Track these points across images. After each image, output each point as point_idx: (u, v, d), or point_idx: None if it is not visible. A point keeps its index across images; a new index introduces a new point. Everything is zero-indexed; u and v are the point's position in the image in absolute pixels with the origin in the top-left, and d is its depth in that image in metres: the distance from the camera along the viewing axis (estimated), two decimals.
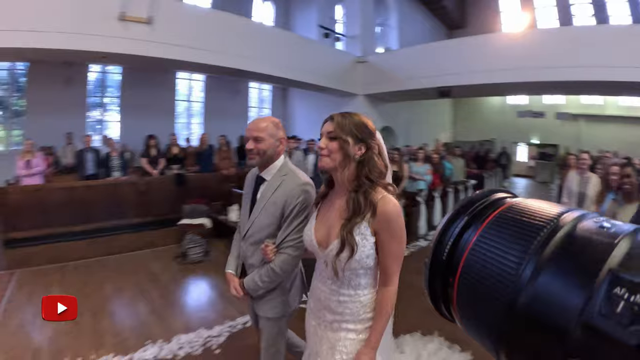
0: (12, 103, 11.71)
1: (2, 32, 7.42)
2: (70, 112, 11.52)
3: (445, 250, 0.41)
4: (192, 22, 9.07)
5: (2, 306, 4.71)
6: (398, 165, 7.49)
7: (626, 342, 0.25)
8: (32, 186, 7.30)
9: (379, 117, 13.52)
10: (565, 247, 0.32)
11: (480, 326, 0.36)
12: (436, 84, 11.40)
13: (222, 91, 14.46)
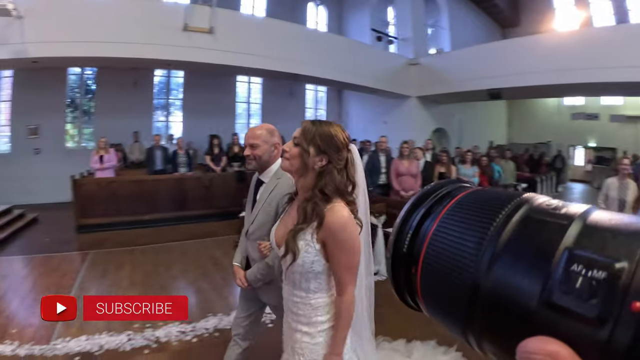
0: (83, 104, 12.96)
1: (78, 43, 8.44)
2: (136, 112, 12.61)
3: (405, 242, 0.42)
4: (250, 31, 9.72)
5: (78, 281, 5.55)
6: (446, 167, 7.64)
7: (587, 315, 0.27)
8: (106, 179, 8.19)
9: (431, 118, 13.61)
10: (521, 230, 0.33)
11: (446, 314, 0.38)
12: (488, 86, 11.35)
13: (279, 93, 14.99)
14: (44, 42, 8.38)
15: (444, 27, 15.54)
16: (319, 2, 15.95)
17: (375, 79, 11.97)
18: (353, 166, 1.73)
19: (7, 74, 12.21)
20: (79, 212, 8.13)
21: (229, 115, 14.18)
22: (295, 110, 15.59)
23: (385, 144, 7.77)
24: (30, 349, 3.86)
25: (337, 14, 16.32)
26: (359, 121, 15.77)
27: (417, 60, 13.11)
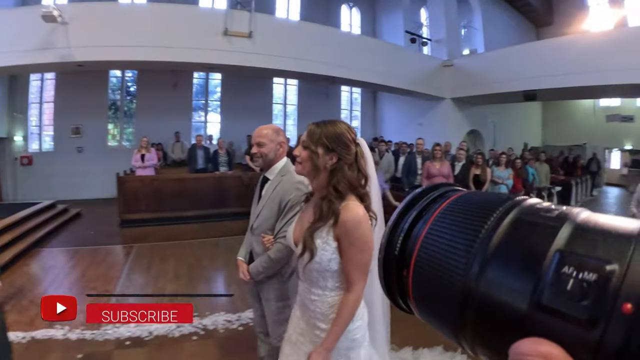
0: (124, 105, 13.46)
1: (123, 48, 8.84)
2: (175, 113, 13.10)
3: (397, 245, 0.42)
4: (286, 34, 9.99)
5: (124, 272, 5.90)
6: (481, 168, 7.68)
7: (578, 316, 0.27)
8: (149, 176, 8.55)
9: (465, 120, 13.54)
10: (512, 233, 0.33)
11: (438, 317, 0.38)
12: (523, 88, 11.22)
13: (314, 94, 15.22)
14: (87, 47, 8.79)
15: (477, 28, 15.37)
16: (352, 4, 16.06)
17: (409, 81, 12.00)
18: (363, 159, 1.77)
19: (49, 76, 12.80)
20: (122, 207, 8.53)
21: (265, 116, 14.35)
22: (331, 111, 15.72)
23: (422, 146, 7.86)
24: (82, 333, 4.05)
25: (370, 16, 16.40)
26: (393, 123, 15.83)
27: (451, 62, 13.03)
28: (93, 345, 3.86)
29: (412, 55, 13.05)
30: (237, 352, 3.68)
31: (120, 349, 3.77)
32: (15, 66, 9.31)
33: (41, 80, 13.02)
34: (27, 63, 9.01)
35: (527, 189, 8.63)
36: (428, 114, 13.57)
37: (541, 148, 15.16)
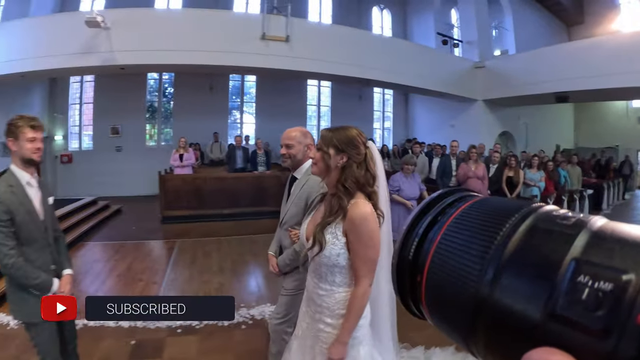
0: (161, 106, 13.91)
1: (162, 52, 9.20)
2: (212, 114, 13.51)
3: (411, 250, 0.42)
4: (321, 38, 10.24)
5: (170, 266, 6.18)
6: (514, 171, 7.74)
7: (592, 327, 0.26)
8: (191, 175, 8.93)
9: (497, 122, 13.49)
10: (527, 240, 0.33)
11: (450, 324, 0.37)
12: (554, 89, 11.15)
13: (347, 96, 15.37)
14: (128, 51, 9.20)
15: (508, 28, 15.30)
16: (383, 6, 16.15)
17: (441, 83, 12.03)
18: (372, 160, 1.88)
19: (88, 78, 13.33)
20: (164, 204, 8.87)
21: (300, 118, 14.64)
22: (364, 113, 15.95)
23: (456, 148, 7.93)
24: (133, 321, 4.16)
25: (401, 17, 16.46)
26: (425, 124, 15.86)
27: (483, 63, 13.00)
28: (145, 333, 4.03)
29: (444, 57, 13.07)
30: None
31: (172, 336, 3.96)
32: (60, 69, 9.81)
33: (81, 83, 13.57)
34: (71, 66, 9.51)
35: (559, 191, 8.63)
36: (460, 115, 13.55)
37: (573, 150, 15.01)
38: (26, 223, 2.36)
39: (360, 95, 15.77)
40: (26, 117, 2.40)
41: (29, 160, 2.40)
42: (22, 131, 2.35)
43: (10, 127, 2.37)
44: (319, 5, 15.00)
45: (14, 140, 2.37)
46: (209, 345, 3.82)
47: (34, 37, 9.32)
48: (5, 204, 2.27)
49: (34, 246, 2.41)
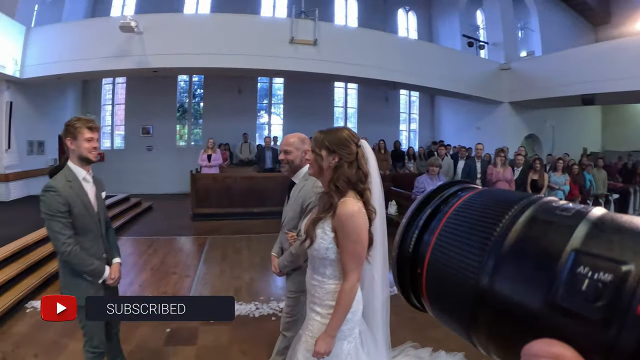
0: (192, 107, 14.33)
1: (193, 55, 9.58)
2: (241, 115, 13.87)
3: (411, 242, 0.42)
4: (348, 41, 10.43)
5: (201, 261, 6.45)
6: (539, 174, 7.78)
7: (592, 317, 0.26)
8: (221, 174, 9.30)
9: (523, 124, 13.40)
10: (527, 232, 0.33)
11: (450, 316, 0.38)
12: (581, 92, 11.03)
13: (373, 98, 15.48)
14: (161, 54, 9.57)
15: (534, 29, 15.18)
16: (408, 8, 16.22)
17: (467, 85, 12.04)
18: (364, 159, 1.94)
19: (120, 80, 13.82)
20: (195, 202, 9.22)
21: (327, 119, 14.87)
22: (390, 114, 16.09)
23: (481, 151, 7.99)
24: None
25: (427, 19, 16.48)
26: (451, 126, 15.82)
27: (509, 65, 12.92)
28: (179, 322, 4.17)
29: (470, 59, 13.07)
30: None
31: (205, 326, 4.16)
32: (96, 72, 10.23)
33: (112, 84, 14.07)
34: (106, 69, 9.92)
35: (584, 195, 8.58)
36: (486, 117, 13.51)
37: (600, 153, 14.73)
38: (82, 215, 2.55)
39: (386, 97, 15.85)
40: (83, 119, 2.59)
41: (85, 159, 2.57)
42: (81, 132, 2.52)
43: (69, 128, 2.54)
44: (345, 8, 15.18)
45: (72, 139, 2.54)
46: (240, 335, 4.01)
47: (70, 41, 9.76)
48: (64, 197, 2.46)
49: (88, 236, 2.60)
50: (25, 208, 8.71)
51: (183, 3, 13.87)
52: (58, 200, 2.44)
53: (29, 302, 4.80)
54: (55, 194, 2.44)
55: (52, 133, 12.00)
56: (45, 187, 2.48)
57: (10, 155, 9.99)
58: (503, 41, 13.42)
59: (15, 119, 9.94)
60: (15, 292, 4.77)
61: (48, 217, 2.45)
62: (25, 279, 5.15)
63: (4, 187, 9.83)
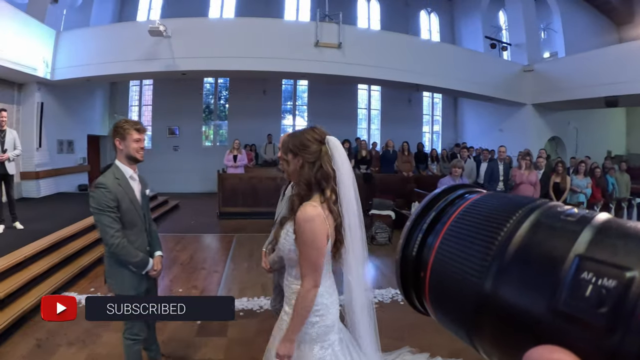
0: (217, 109, 14.72)
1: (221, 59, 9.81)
2: (266, 116, 14.15)
3: (414, 246, 0.41)
4: (372, 44, 10.54)
5: (229, 257, 6.68)
6: (561, 177, 7.80)
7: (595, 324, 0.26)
8: (247, 174, 9.56)
9: (546, 126, 13.26)
10: (531, 236, 0.32)
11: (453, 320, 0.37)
12: (604, 93, 10.84)
13: (397, 100, 15.58)
14: (188, 58, 9.82)
15: (557, 30, 15.00)
16: (430, 10, 16.21)
17: (490, 87, 11.98)
18: (328, 156, 1.84)
19: (147, 82, 14.19)
20: (221, 201, 9.49)
21: (350, 121, 15.13)
22: (413, 116, 16.16)
23: (504, 154, 8.04)
24: None
25: (449, 21, 16.46)
26: (474, 128, 15.78)
27: (532, 67, 12.79)
28: None
29: (493, 60, 12.99)
30: None
31: (234, 319, 4.26)
32: (126, 74, 10.58)
33: (140, 86, 14.46)
34: (135, 71, 10.21)
35: (606, 199, 8.52)
36: (509, 119, 13.41)
37: (625, 156, 14.53)
38: (129, 210, 2.69)
39: (409, 99, 15.92)
40: (131, 121, 2.74)
41: (133, 158, 2.70)
42: (129, 133, 2.66)
43: (118, 129, 2.68)
44: (367, 10, 15.31)
45: (121, 140, 2.67)
46: (268, 327, 4.09)
47: (99, 44, 10.10)
48: (113, 193, 2.59)
49: (134, 230, 2.75)
50: (55, 204, 9.06)
51: (208, 7, 14.19)
52: (108, 196, 2.58)
53: (62, 293, 4.98)
54: (105, 190, 2.58)
55: (81, 133, 12.42)
56: (96, 183, 2.62)
57: (41, 154, 10.29)
58: (526, 42, 13.26)
59: (46, 119, 10.27)
60: (50, 284, 5.02)
61: (98, 212, 2.59)
62: (59, 272, 5.39)
63: (35, 184, 10.12)
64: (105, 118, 14.30)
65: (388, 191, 8.87)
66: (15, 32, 8.52)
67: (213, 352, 3.75)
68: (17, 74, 9.09)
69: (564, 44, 14.75)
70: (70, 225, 6.70)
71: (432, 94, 16.45)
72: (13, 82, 9.68)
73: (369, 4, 15.40)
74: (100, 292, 5.09)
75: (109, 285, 2.83)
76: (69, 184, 11.63)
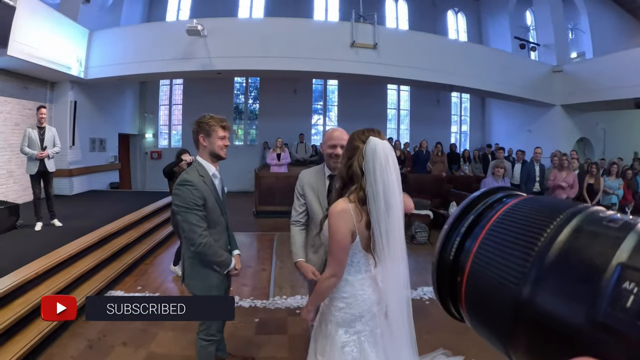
0: (248, 108, 14.90)
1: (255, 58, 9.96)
2: (296, 116, 14.37)
3: (452, 250, 0.41)
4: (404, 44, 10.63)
5: (274, 256, 6.72)
6: (595, 178, 7.84)
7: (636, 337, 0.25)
8: (284, 173, 9.75)
9: (575, 127, 13.17)
10: (571, 243, 0.31)
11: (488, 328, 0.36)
12: (633, 95, 10.70)
13: (425, 100, 15.65)
14: (223, 57, 9.98)
15: (584, 30, 14.79)
16: (457, 10, 16.23)
17: (520, 88, 11.94)
18: (362, 155, 1.86)
19: (177, 81, 14.42)
20: (258, 199, 9.67)
21: (379, 120, 15.18)
22: (441, 117, 16.18)
23: (540, 155, 8.07)
24: (252, 302, 4.80)
25: (476, 21, 16.45)
26: (502, 128, 15.74)
27: (561, 68, 12.72)
28: (266, 312, 4.54)
29: (521, 60, 12.91)
30: None
31: (291, 316, 4.41)
32: (158, 73, 10.81)
33: (170, 85, 14.69)
34: (169, 71, 10.42)
35: (637, 200, 8.50)
36: (537, 120, 13.33)
37: None
38: (214, 208, 2.65)
39: (438, 99, 15.97)
40: (216, 118, 2.67)
41: (217, 155, 2.68)
42: (215, 130, 2.62)
43: (202, 125, 2.63)
44: (395, 10, 15.39)
45: (206, 136, 2.64)
46: None
47: (132, 43, 10.34)
48: (200, 191, 2.54)
49: (217, 228, 2.71)
50: (88, 202, 9.25)
51: (237, 8, 14.40)
52: (195, 194, 2.52)
53: (108, 292, 5.08)
54: (193, 187, 2.53)
55: (112, 131, 12.65)
56: (181, 181, 2.55)
57: (74, 152, 10.50)
58: (554, 42, 13.18)
59: (79, 118, 10.48)
60: (96, 282, 4.99)
61: (184, 210, 2.53)
62: (102, 271, 5.36)
63: (68, 181, 10.31)
64: (136, 117, 14.59)
65: (423, 191, 8.95)
66: (50, 31, 8.65)
67: (276, 349, 3.76)
68: (52, 73, 9.22)
69: (591, 44, 14.58)
70: (111, 223, 6.80)
71: (460, 95, 16.44)
72: (46, 80, 9.88)
73: (397, 4, 15.48)
74: (148, 289, 5.16)
75: (188, 286, 2.78)
76: (101, 181, 11.88)
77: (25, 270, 4.40)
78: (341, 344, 2.05)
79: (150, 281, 5.53)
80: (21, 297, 4.09)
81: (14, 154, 8.48)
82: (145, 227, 7.39)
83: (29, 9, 7.90)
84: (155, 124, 15.07)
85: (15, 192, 8.76)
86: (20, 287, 4.13)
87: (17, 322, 3.71)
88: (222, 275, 2.76)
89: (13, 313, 3.74)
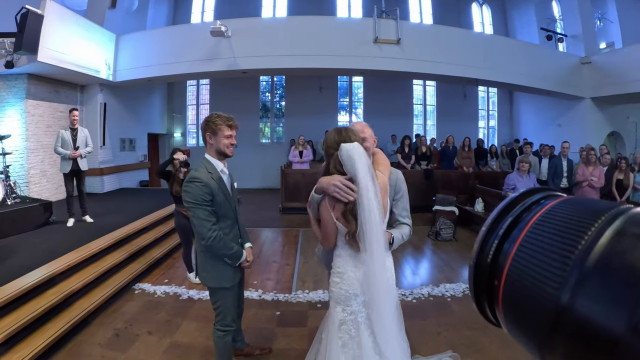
0: (274, 106, 15.12)
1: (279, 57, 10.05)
2: (322, 113, 14.40)
3: (490, 253, 0.40)
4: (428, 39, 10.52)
5: (298, 251, 6.86)
6: (624, 173, 7.69)
7: None
8: (310, 170, 9.85)
9: (605, 121, 12.76)
10: (613, 246, 0.30)
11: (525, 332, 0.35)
12: None
13: (451, 95, 15.57)
14: (248, 57, 10.11)
15: (612, 19, 14.16)
16: (481, 2, 16.03)
17: (547, 80, 11.68)
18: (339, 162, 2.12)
19: (203, 82, 14.69)
20: (284, 196, 9.82)
21: (406, 116, 15.23)
22: (468, 111, 16.03)
23: (567, 150, 7.96)
24: (275, 296, 4.95)
25: (501, 12, 16.21)
26: (530, 123, 15.47)
27: (589, 59, 12.35)
28: (287, 306, 4.67)
29: (549, 52, 12.55)
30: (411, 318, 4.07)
31: (312, 310, 4.53)
32: (186, 74, 11.00)
33: (197, 86, 15.01)
34: (196, 71, 10.59)
35: None
36: (567, 114, 13.01)
37: None
38: (223, 203, 2.71)
39: (464, 94, 15.85)
40: (223, 117, 2.73)
41: (223, 153, 2.74)
42: (221, 128, 2.68)
43: (209, 123, 2.70)
44: (419, 4, 15.27)
45: (212, 134, 2.71)
46: None
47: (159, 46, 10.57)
48: (208, 187, 2.60)
49: (227, 222, 2.78)
50: (118, 199, 9.56)
51: (260, 8, 14.57)
52: (204, 190, 2.59)
53: (136, 284, 5.31)
54: (201, 184, 2.60)
55: (142, 131, 13.01)
56: (190, 178, 2.61)
57: (104, 152, 10.90)
58: (582, 33, 12.80)
59: (109, 119, 10.86)
60: (123, 276, 5.22)
61: (194, 206, 2.60)
62: (131, 264, 5.64)
63: (99, 180, 10.71)
64: (164, 117, 14.95)
65: (449, 187, 8.96)
66: (78, 37, 8.99)
67: (296, 341, 3.84)
68: (81, 76, 9.60)
69: (620, 33, 14.09)
70: (140, 219, 7.08)
71: (487, 89, 16.27)
72: (76, 84, 10.28)
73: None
74: (174, 283, 5.34)
75: (202, 279, 2.87)
76: (131, 180, 12.28)
77: (58, 263, 4.68)
78: (339, 322, 2.22)
79: (177, 275, 5.74)
80: (53, 287, 4.35)
81: (47, 154, 8.94)
82: (173, 224, 7.58)
83: (56, 17, 8.24)
84: (183, 123, 15.41)
85: (49, 190, 9.18)
86: (52, 278, 4.39)
87: (49, 311, 3.95)
88: (234, 267, 2.86)
89: (46, 301, 4.00)
